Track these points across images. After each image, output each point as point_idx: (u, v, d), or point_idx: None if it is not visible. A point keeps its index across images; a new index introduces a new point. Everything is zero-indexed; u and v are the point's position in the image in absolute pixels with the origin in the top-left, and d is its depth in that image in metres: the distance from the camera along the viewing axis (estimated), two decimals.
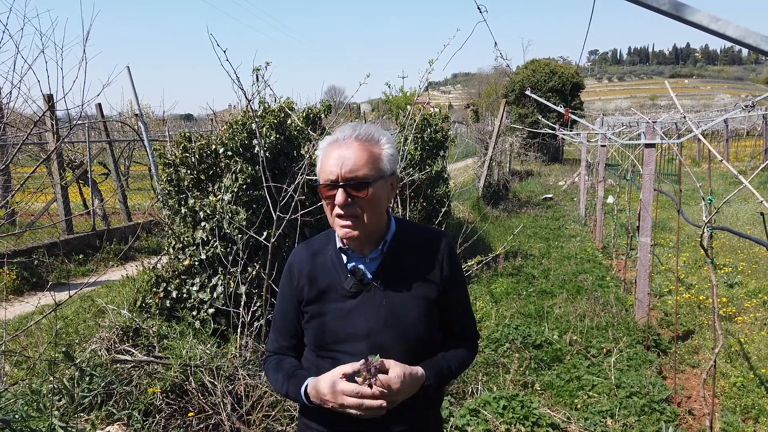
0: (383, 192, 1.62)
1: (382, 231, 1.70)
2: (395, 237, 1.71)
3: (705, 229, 3.12)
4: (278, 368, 1.75)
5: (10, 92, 2.67)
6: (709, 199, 3.10)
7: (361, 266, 1.68)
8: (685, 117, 2.94)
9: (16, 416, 2.95)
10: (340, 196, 1.53)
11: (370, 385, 1.50)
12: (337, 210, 1.56)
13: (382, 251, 1.69)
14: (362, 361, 1.51)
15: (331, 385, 1.54)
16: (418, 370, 1.61)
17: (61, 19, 2.45)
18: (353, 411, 1.52)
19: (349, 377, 1.53)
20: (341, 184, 1.54)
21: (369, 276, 1.67)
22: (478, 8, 3.73)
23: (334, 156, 1.56)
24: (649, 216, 5.51)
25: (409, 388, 1.57)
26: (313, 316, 1.69)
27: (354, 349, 1.63)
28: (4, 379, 3.52)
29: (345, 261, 1.70)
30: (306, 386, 1.62)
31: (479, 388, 4.23)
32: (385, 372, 1.53)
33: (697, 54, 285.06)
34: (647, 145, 5.44)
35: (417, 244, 1.74)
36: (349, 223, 1.57)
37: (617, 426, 3.78)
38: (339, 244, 1.71)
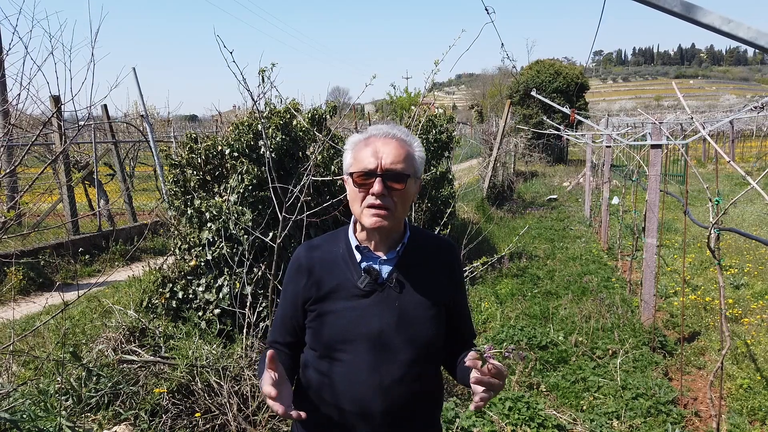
0: (413, 190, 1.67)
1: (400, 232, 1.72)
2: (410, 241, 1.73)
3: (712, 231, 3.11)
4: (260, 368, 1.72)
5: (19, 94, 2.69)
6: (717, 200, 3.10)
7: (376, 266, 1.68)
8: (692, 118, 2.94)
9: (24, 416, 2.97)
10: (378, 185, 1.56)
11: (483, 365, 1.45)
12: (372, 200, 1.58)
13: (398, 253, 1.69)
14: (487, 346, 1.47)
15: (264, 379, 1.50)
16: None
17: (69, 21, 2.47)
18: (271, 403, 1.46)
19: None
20: (380, 173, 1.57)
21: (383, 276, 1.67)
22: (486, 9, 3.73)
23: (373, 148, 1.60)
24: (656, 217, 5.50)
25: (503, 384, 1.54)
26: (321, 314, 1.67)
27: (362, 348, 1.62)
28: (12, 379, 3.54)
29: (359, 260, 1.69)
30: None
31: None
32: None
33: (702, 54, 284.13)
34: (653, 146, 5.43)
35: (429, 249, 1.77)
36: (382, 212, 1.58)
37: (623, 427, 3.77)
38: (355, 242, 1.70)
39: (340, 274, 1.68)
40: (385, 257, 1.68)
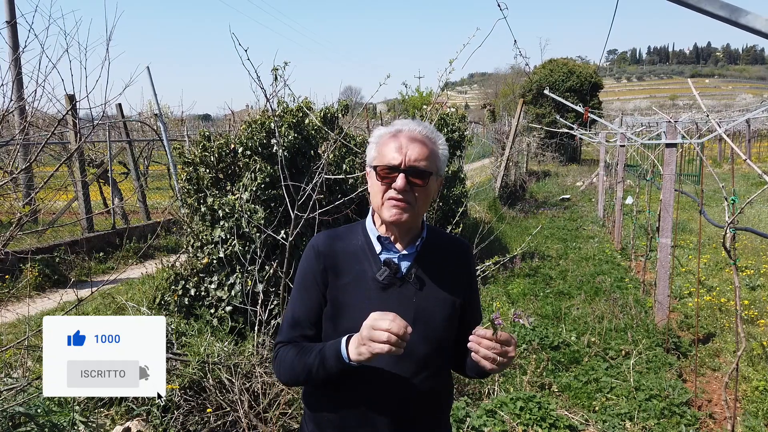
0: (434, 188, 1.68)
1: (419, 228, 1.73)
2: (427, 237, 1.73)
3: (728, 230, 3.07)
4: (304, 349, 1.63)
5: (35, 91, 2.72)
6: (732, 200, 3.06)
7: (395, 260, 1.67)
8: (708, 116, 2.90)
9: (39, 410, 3.00)
10: (400, 180, 1.57)
11: (494, 333, 1.50)
12: (393, 193, 1.59)
13: (417, 248, 1.69)
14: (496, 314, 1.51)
15: (370, 325, 1.46)
16: None
17: (85, 19, 2.49)
18: (379, 346, 1.42)
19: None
20: (403, 169, 1.58)
21: (402, 270, 1.67)
22: (498, 6, 3.71)
23: (398, 143, 1.61)
24: (670, 217, 5.44)
25: (514, 353, 1.55)
26: (338, 306, 1.64)
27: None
28: (27, 374, 3.58)
29: (378, 251, 1.68)
30: (347, 338, 1.53)
31: (496, 389, 4.21)
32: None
33: (718, 53, 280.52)
34: (668, 145, 5.37)
35: (445, 248, 1.77)
36: (402, 205, 1.59)
37: (636, 429, 3.74)
38: (376, 233, 1.69)
39: (359, 265, 1.67)
40: (404, 252, 1.68)
